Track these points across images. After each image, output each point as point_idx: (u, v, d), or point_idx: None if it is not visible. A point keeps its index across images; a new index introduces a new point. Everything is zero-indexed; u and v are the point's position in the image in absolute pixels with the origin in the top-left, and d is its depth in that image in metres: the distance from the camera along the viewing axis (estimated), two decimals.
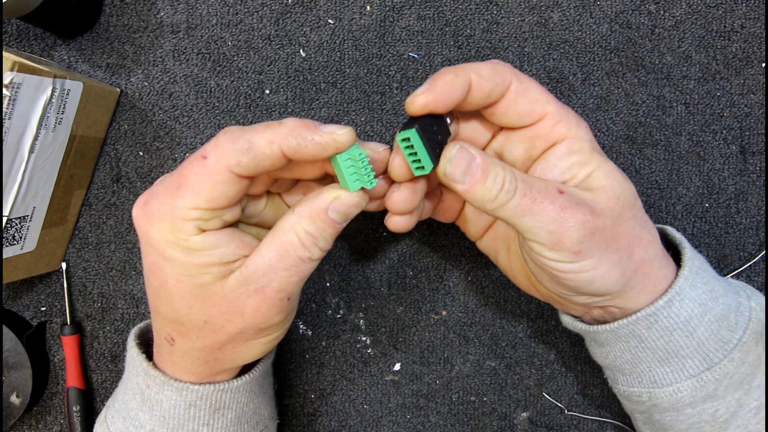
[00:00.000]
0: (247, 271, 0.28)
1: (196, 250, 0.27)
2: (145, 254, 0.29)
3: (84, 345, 0.44)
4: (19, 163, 0.35)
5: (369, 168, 0.28)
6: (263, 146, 0.26)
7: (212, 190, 0.27)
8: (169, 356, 0.31)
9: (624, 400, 0.36)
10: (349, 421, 0.44)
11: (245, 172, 0.27)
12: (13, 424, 0.43)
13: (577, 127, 0.30)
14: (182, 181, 0.27)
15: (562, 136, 0.30)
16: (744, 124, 0.41)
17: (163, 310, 0.29)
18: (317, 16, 0.42)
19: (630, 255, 0.29)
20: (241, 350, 0.30)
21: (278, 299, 0.28)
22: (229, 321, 0.28)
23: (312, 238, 0.28)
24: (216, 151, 0.26)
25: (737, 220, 0.41)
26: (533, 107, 0.29)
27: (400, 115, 0.42)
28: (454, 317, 0.43)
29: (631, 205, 0.30)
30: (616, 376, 0.35)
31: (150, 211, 0.27)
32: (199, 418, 0.31)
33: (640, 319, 0.31)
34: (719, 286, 0.32)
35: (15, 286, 0.44)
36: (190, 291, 0.28)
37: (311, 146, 0.27)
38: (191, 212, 0.27)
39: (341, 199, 0.28)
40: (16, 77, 0.32)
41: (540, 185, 0.28)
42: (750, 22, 0.40)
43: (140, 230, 0.28)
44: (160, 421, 0.31)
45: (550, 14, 0.41)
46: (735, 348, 0.31)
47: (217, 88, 0.42)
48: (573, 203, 0.28)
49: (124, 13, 0.42)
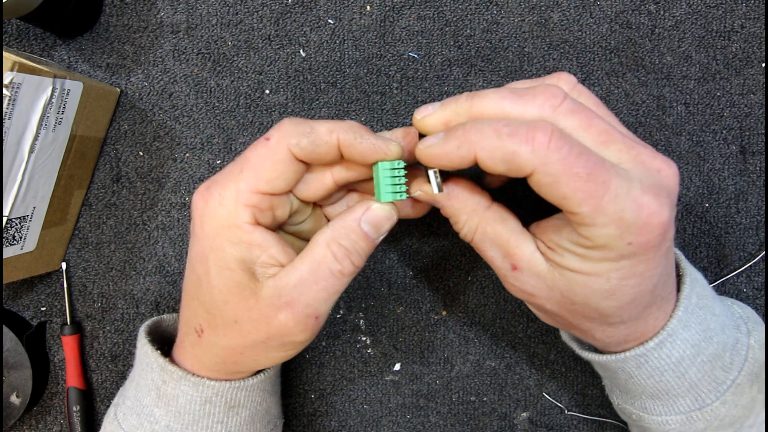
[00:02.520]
0: (280, 282, 0.28)
1: (244, 242, 0.28)
2: (195, 241, 0.29)
3: (84, 345, 0.44)
4: (19, 163, 0.35)
5: (404, 182, 0.29)
6: (324, 133, 0.28)
7: (272, 170, 0.28)
8: (191, 348, 0.31)
9: (618, 410, 0.36)
10: (349, 421, 0.44)
11: (303, 154, 0.28)
12: (13, 424, 0.43)
13: (611, 239, 0.25)
14: (245, 164, 0.28)
15: (582, 233, 0.25)
16: (744, 124, 0.41)
17: (202, 299, 0.30)
18: (317, 16, 0.42)
19: None
20: (261, 358, 0.30)
21: (305, 316, 0.28)
22: (257, 329, 0.28)
23: (345, 251, 0.28)
24: (278, 132, 0.28)
25: (737, 220, 0.41)
26: (558, 201, 0.25)
27: (400, 115, 0.42)
28: (454, 317, 0.43)
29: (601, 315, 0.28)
30: (612, 389, 0.35)
31: (210, 196, 0.28)
32: (215, 414, 0.32)
33: (629, 359, 0.30)
34: (716, 323, 0.31)
35: (15, 286, 0.44)
36: (228, 287, 0.28)
37: (365, 145, 0.28)
38: (252, 197, 0.28)
39: (372, 209, 0.29)
40: (16, 77, 0.32)
41: (495, 252, 0.29)
42: (750, 22, 0.40)
43: (196, 215, 0.29)
44: (175, 416, 0.31)
45: (550, 14, 0.41)
46: (728, 390, 0.30)
47: (217, 88, 0.42)
48: (518, 281, 0.29)
49: (124, 13, 0.42)
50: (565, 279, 0.27)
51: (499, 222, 0.29)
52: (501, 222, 0.29)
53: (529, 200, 0.40)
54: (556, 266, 0.27)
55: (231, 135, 0.42)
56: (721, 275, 0.42)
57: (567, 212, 0.25)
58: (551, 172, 0.24)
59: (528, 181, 0.25)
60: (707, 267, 0.42)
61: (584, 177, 0.24)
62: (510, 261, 0.29)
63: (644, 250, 0.25)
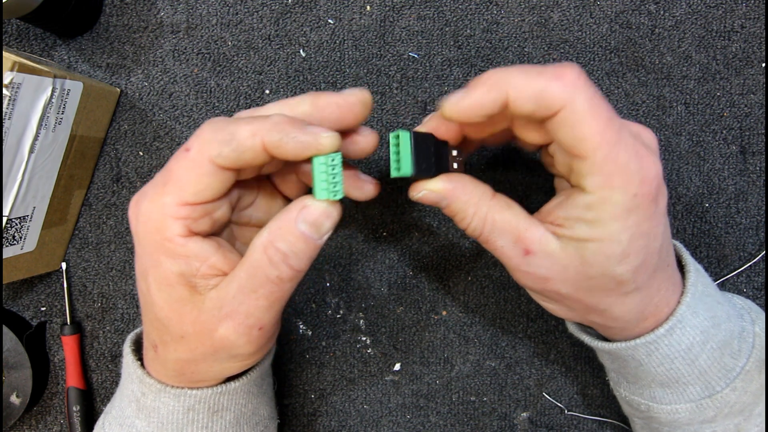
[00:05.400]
0: (221, 293, 0.27)
1: (180, 256, 0.26)
2: (137, 258, 0.28)
3: (84, 345, 0.44)
4: (19, 163, 0.35)
5: (340, 179, 0.27)
6: (245, 138, 0.25)
7: (197, 183, 0.26)
8: (152, 362, 0.31)
9: (624, 403, 0.36)
10: (349, 421, 0.44)
11: (227, 164, 0.26)
12: (13, 424, 0.43)
13: (618, 190, 0.25)
14: (168, 176, 0.26)
15: (590, 189, 0.26)
16: (744, 124, 0.41)
17: (149, 317, 0.29)
18: (317, 16, 0.42)
19: None
20: (216, 369, 0.30)
21: (247, 327, 0.27)
22: (202, 343, 0.28)
23: (281, 255, 0.26)
24: (198, 143, 0.26)
25: (737, 220, 0.41)
26: (575, 144, 0.25)
27: (400, 115, 0.42)
28: (454, 317, 0.43)
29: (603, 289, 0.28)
30: (619, 380, 0.35)
31: (140, 211, 0.27)
32: (198, 421, 0.31)
33: (639, 346, 0.30)
34: (722, 311, 0.31)
35: (15, 286, 0.44)
36: (169, 303, 0.27)
37: (292, 144, 0.25)
38: (180, 210, 0.26)
39: (308, 207, 0.27)
40: (16, 77, 0.32)
41: (505, 240, 0.29)
42: (750, 22, 0.40)
43: (132, 230, 0.28)
44: (158, 427, 0.31)
45: (550, 14, 0.41)
46: (738, 377, 0.30)
47: (217, 88, 0.42)
48: (531, 267, 0.28)
49: (124, 13, 0.42)
50: (579, 253, 0.27)
51: (506, 209, 0.29)
52: (508, 208, 0.29)
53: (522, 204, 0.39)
54: (569, 241, 0.27)
55: None
56: (721, 275, 0.42)
57: (578, 159, 0.26)
58: (578, 109, 0.24)
59: (547, 124, 0.26)
60: (707, 267, 0.42)
61: (605, 121, 0.25)
62: (522, 246, 0.28)
63: (647, 203, 0.26)
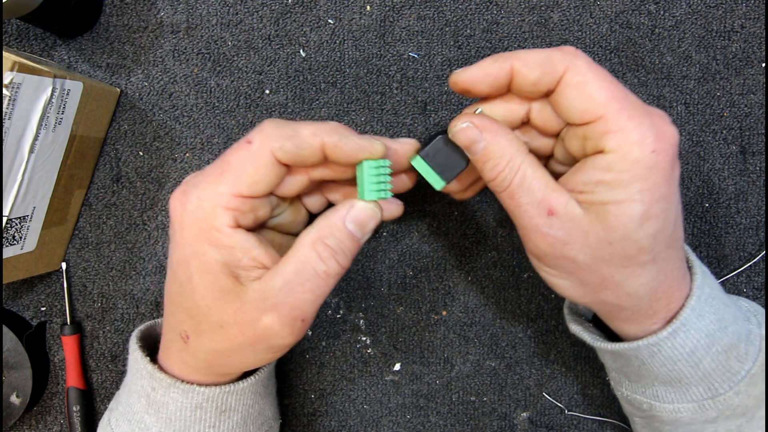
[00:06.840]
0: (265, 285, 0.28)
1: (225, 246, 0.28)
2: (175, 246, 0.29)
3: (84, 345, 0.44)
4: (19, 163, 0.35)
5: (388, 181, 0.30)
6: (307, 136, 0.28)
7: (254, 174, 0.27)
8: (179, 353, 0.31)
9: (625, 402, 0.36)
10: (349, 421, 0.44)
11: (287, 158, 0.28)
12: (13, 424, 0.43)
13: (636, 145, 0.26)
14: (225, 167, 0.28)
15: (609, 148, 0.27)
16: (744, 124, 0.41)
17: (186, 305, 0.29)
18: (317, 16, 0.42)
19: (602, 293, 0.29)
20: (249, 360, 0.30)
21: (291, 318, 0.28)
22: (242, 332, 0.28)
23: (330, 251, 0.28)
24: (261, 136, 0.28)
25: (737, 220, 0.41)
26: (585, 105, 0.27)
27: (400, 115, 0.42)
28: (454, 317, 0.43)
29: (627, 256, 0.28)
30: (621, 379, 0.35)
31: (188, 200, 0.28)
32: (205, 420, 0.31)
33: (642, 347, 0.30)
34: (729, 314, 0.31)
35: (15, 286, 0.44)
36: (211, 292, 0.28)
37: (350, 145, 0.28)
38: (232, 200, 0.27)
39: (356, 207, 0.29)
40: (16, 77, 0.32)
41: (531, 197, 0.28)
42: (750, 22, 0.40)
43: (174, 220, 0.28)
44: (166, 423, 0.31)
45: (550, 14, 0.41)
46: (742, 380, 0.30)
47: (217, 88, 0.42)
48: (553, 228, 0.28)
49: (124, 13, 0.42)
50: (601, 218, 0.27)
51: (538, 166, 0.29)
52: (539, 167, 0.29)
53: None
54: (590, 206, 0.27)
55: (231, 135, 0.42)
56: (721, 275, 0.42)
57: (591, 125, 0.27)
58: (581, 70, 0.27)
59: (554, 96, 0.28)
60: (707, 267, 0.42)
61: (609, 80, 0.27)
62: (546, 205, 0.28)
63: (665, 162, 0.27)
